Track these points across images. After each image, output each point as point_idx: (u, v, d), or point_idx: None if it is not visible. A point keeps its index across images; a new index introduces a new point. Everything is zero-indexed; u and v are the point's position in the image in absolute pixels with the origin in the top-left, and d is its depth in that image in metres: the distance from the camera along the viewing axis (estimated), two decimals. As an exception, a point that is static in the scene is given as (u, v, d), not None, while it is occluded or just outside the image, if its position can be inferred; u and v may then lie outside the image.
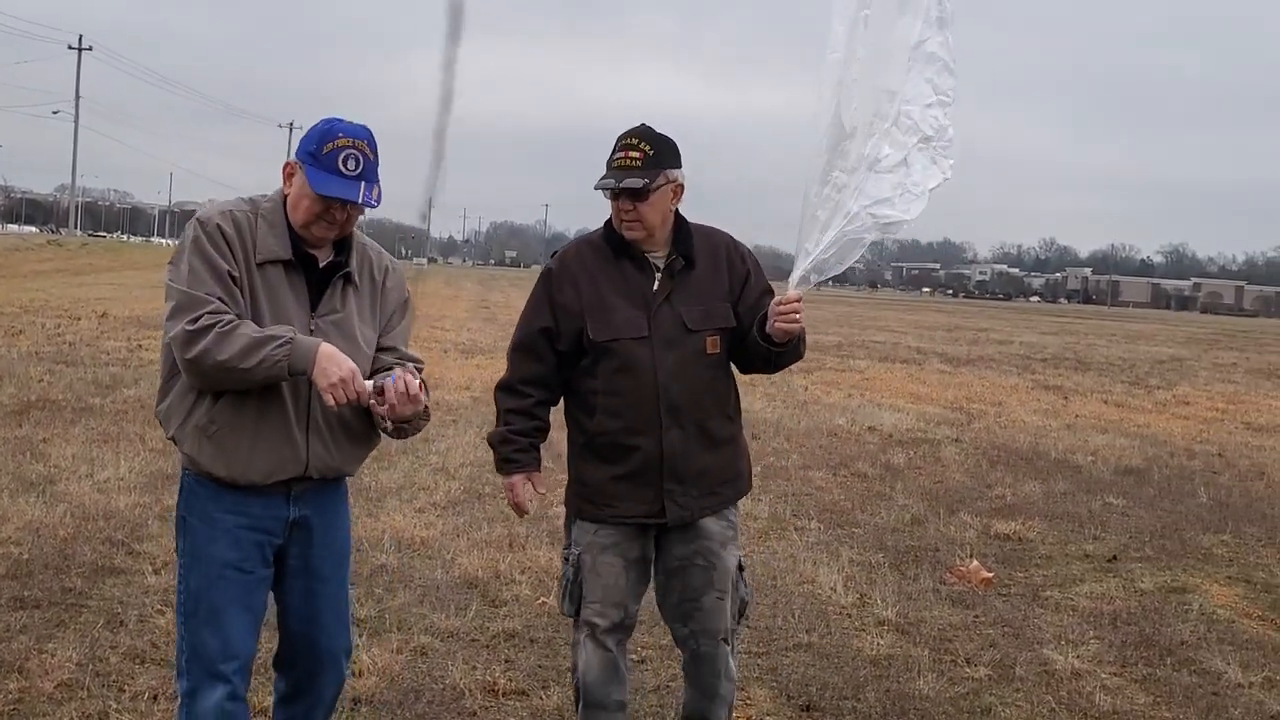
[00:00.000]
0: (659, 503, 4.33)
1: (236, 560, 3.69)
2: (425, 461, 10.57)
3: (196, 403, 3.63)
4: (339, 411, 3.65)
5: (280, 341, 3.47)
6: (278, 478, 3.67)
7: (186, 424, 3.65)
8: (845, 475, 11.43)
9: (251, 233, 3.63)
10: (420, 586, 6.90)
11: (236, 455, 3.61)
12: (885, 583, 7.57)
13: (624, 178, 4.19)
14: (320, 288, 3.73)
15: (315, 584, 3.87)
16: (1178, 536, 9.44)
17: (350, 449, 3.83)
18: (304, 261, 3.71)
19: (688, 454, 4.34)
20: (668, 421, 4.30)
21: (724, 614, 4.48)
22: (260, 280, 3.62)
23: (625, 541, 4.39)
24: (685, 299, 4.35)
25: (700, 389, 4.37)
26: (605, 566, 4.37)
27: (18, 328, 20.84)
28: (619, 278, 4.34)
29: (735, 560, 4.52)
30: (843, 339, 33.53)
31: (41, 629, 5.81)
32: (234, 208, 3.69)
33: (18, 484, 8.61)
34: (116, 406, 12.65)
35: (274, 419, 3.63)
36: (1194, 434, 16.23)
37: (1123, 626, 6.97)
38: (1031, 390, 21.41)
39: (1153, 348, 41.10)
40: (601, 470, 4.37)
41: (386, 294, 3.92)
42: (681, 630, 4.53)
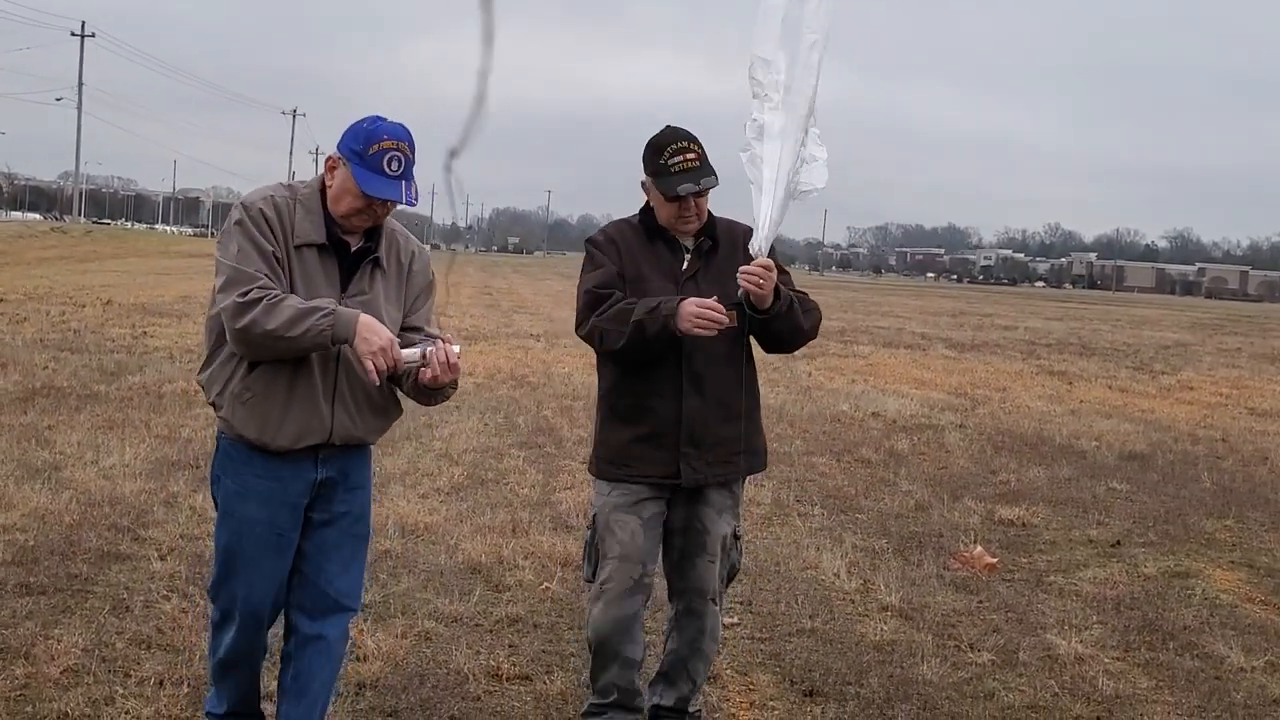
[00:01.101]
0: (674, 465, 4.60)
1: (265, 519, 4.03)
2: (429, 447, 10.59)
3: (235, 372, 3.93)
4: (364, 384, 3.94)
5: (324, 312, 3.74)
6: (305, 443, 3.97)
7: (225, 391, 3.95)
8: (849, 461, 11.43)
9: (290, 217, 3.93)
10: (424, 572, 6.92)
11: (268, 421, 3.92)
12: (889, 568, 7.59)
13: (700, 178, 4.52)
14: (351, 271, 4.01)
15: (327, 533, 4.16)
16: (1181, 521, 9.45)
17: (372, 420, 4.12)
18: (337, 246, 4.00)
19: (705, 421, 4.61)
20: (688, 388, 4.59)
21: (713, 577, 4.77)
22: (297, 261, 3.92)
23: (641, 501, 4.64)
24: (710, 278, 4.65)
25: (720, 361, 4.64)
26: (620, 525, 4.63)
27: (22, 315, 20.87)
28: (653, 256, 4.68)
29: (730, 529, 4.81)
30: (846, 325, 33.52)
31: (47, 615, 5.83)
32: (275, 193, 3.98)
33: (23, 471, 8.63)
34: (121, 393, 12.67)
35: (303, 390, 3.92)
36: (1198, 419, 16.23)
37: (1126, 611, 6.98)
38: (1036, 376, 21.41)
39: (1157, 333, 41.06)
40: (623, 432, 4.65)
41: (413, 277, 4.20)
42: (677, 584, 4.83)
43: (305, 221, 3.95)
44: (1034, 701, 5.54)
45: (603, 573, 4.64)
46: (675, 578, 4.83)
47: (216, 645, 4.22)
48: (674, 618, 4.90)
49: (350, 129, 3.96)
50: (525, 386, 15.24)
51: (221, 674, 4.27)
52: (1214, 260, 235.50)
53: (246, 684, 4.31)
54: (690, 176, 4.51)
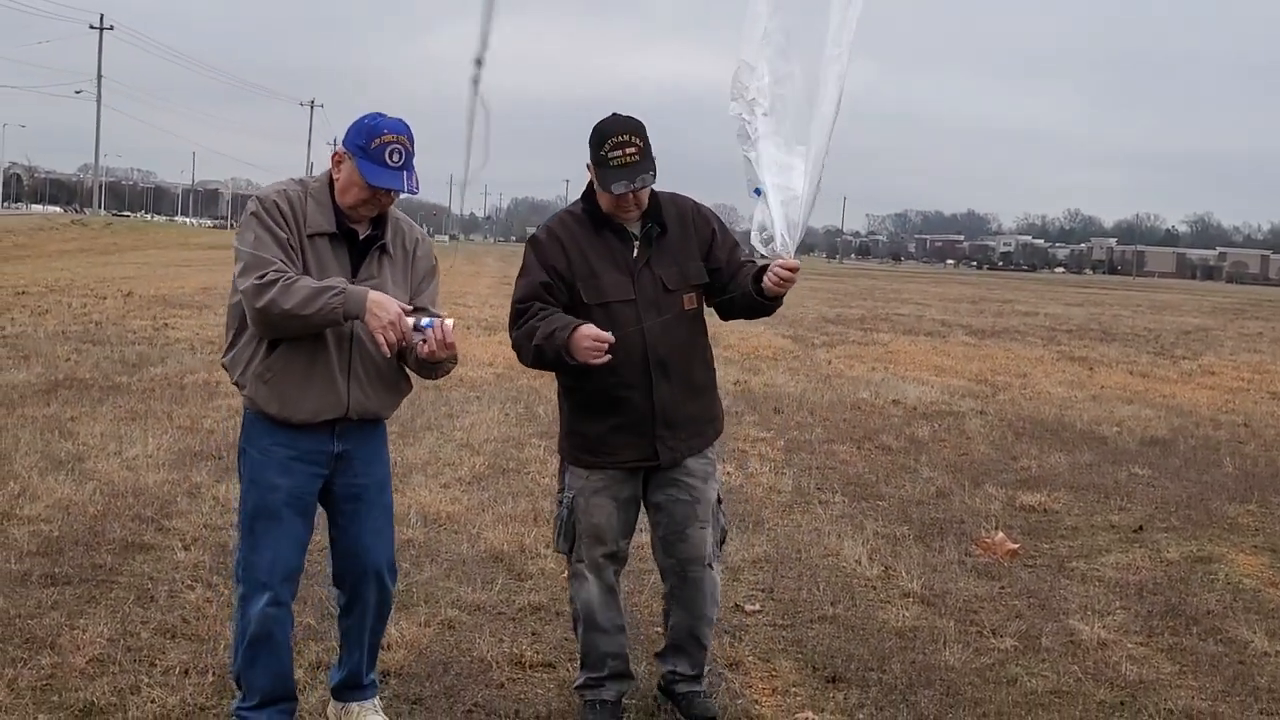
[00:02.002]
0: (651, 448, 4.74)
1: (286, 486, 4.31)
2: (450, 437, 10.61)
3: (256, 353, 4.25)
4: (376, 362, 4.30)
5: (335, 291, 4.04)
6: (323, 417, 4.28)
7: (247, 370, 4.28)
8: (869, 448, 11.42)
9: (302, 209, 4.24)
10: (447, 561, 6.94)
11: (288, 397, 4.23)
12: (910, 555, 7.58)
13: (636, 175, 4.55)
14: (360, 257, 4.32)
15: (358, 507, 4.47)
16: (1203, 506, 9.42)
17: (385, 395, 4.43)
18: (346, 234, 4.30)
19: (676, 403, 4.76)
20: (657, 375, 4.71)
21: (707, 542, 4.90)
22: (310, 250, 4.22)
23: (615, 484, 4.80)
24: (662, 262, 4.77)
25: (683, 343, 4.81)
26: (597, 507, 4.80)
27: (44, 307, 20.98)
28: (603, 247, 4.74)
29: (715, 494, 4.95)
30: (866, 312, 33.44)
31: (73, 605, 5.87)
32: (287, 188, 4.29)
33: (47, 462, 8.68)
34: (143, 384, 12.73)
35: (320, 368, 4.24)
36: (1220, 404, 16.17)
37: (1149, 596, 6.97)
38: (1057, 362, 21.35)
39: (1178, 318, 40.89)
40: (598, 423, 4.76)
41: (417, 262, 4.49)
42: (668, 560, 4.94)
43: (316, 213, 4.25)
44: (1057, 687, 5.53)
45: (581, 549, 4.84)
46: (668, 551, 4.92)
47: (245, 624, 4.36)
48: (670, 592, 5.02)
49: (354, 125, 4.25)
50: (545, 376, 15.17)
51: (252, 658, 4.37)
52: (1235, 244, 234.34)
53: (278, 661, 4.42)
54: (627, 173, 4.54)
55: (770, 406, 13.62)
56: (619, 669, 4.95)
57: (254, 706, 4.42)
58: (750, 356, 17.86)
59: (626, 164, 4.54)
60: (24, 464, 8.55)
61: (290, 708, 4.52)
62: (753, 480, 9.58)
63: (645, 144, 4.58)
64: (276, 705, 4.45)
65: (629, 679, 5.02)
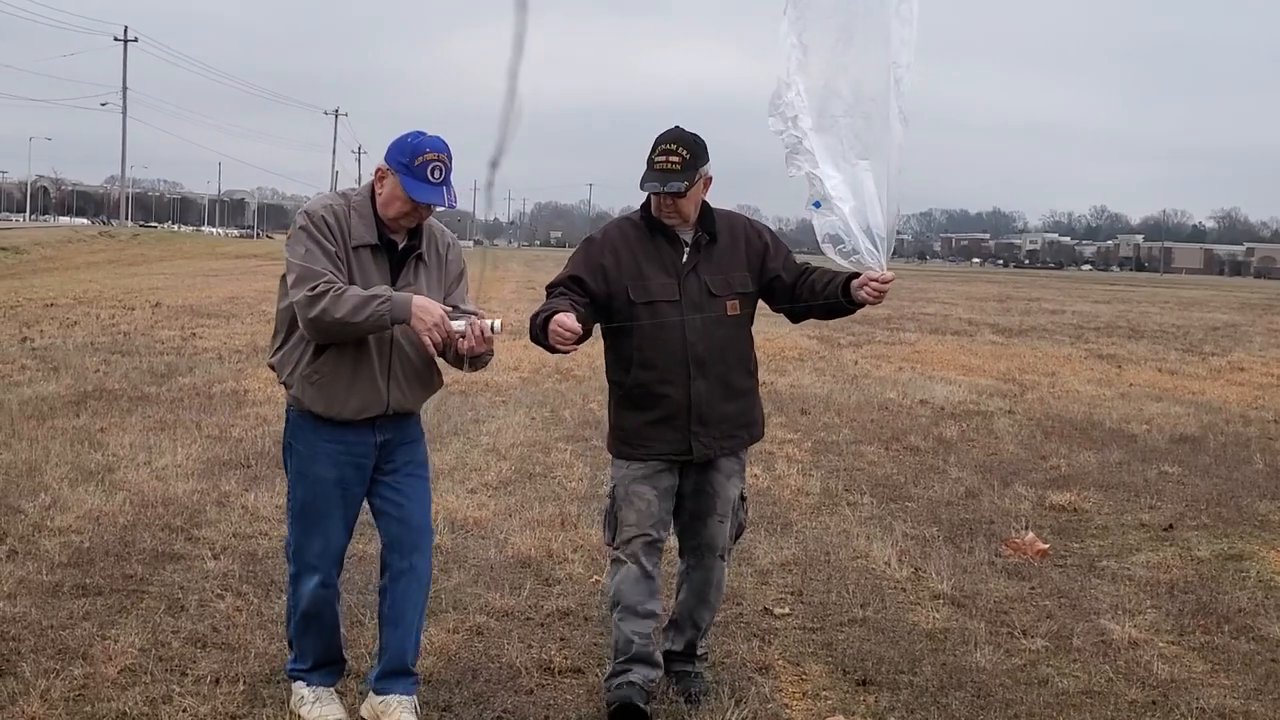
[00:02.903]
0: (686, 443, 5.04)
1: (334, 478, 4.71)
2: (476, 443, 10.63)
3: (303, 356, 4.61)
4: (412, 362, 4.69)
5: (382, 299, 4.40)
6: (365, 415, 4.66)
7: (294, 372, 4.64)
8: (897, 449, 11.39)
9: (346, 222, 4.60)
10: (474, 566, 6.95)
11: (334, 397, 4.61)
12: (939, 556, 7.55)
13: (668, 180, 4.91)
14: (398, 266, 4.68)
15: (400, 480, 4.83)
16: (1234, 504, 9.37)
17: (420, 391, 4.83)
18: (387, 246, 4.66)
19: (711, 402, 5.06)
20: (694, 373, 5.02)
21: (724, 534, 5.24)
22: (354, 260, 4.58)
23: (656, 474, 5.08)
24: (709, 269, 5.10)
25: (722, 346, 5.09)
26: (638, 496, 5.07)
27: (73, 319, 21.10)
28: (654, 251, 5.08)
29: (738, 491, 5.26)
30: (892, 312, 33.33)
31: (104, 615, 5.90)
32: (332, 202, 4.66)
33: (77, 473, 8.73)
34: (172, 394, 12.79)
35: (364, 370, 4.61)
36: (1249, 400, 16.07)
37: (1180, 595, 6.93)
38: (1085, 360, 21.26)
39: (1207, 314, 40.68)
40: (637, 416, 5.07)
41: (449, 265, 4.86)
42: (689, 542, 5.29)
43: (360, 225, 4.61)
44: (1088, 687, 5.51)
45: (622, 537, 5.11)
46: (687, 536, 5.28)
47: (297, 600, 4.83)
48: (683, 571, 5.36)
49: (396, 143, 4.59)
50: (571, 380, 15.25)
51: (304, 629, 4.86)
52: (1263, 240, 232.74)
53: (329, 633, 4.91)
54: (660, 177, 4.91)
55: (797, 408, 13.60)
56: (645, 651, 5.07)
57: (307, 669, 4.91)
58: (776, 357, 17.86)
59: (664, 170, 4.91)
60: (54, 475, 8.60)
61: (339, 669, 5.03)
62: (780, 482, 9.56)
63: (691, 158, 4.92)
64: (326, 668, 4.94)
65: (656, 667, 5.15)
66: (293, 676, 4.94)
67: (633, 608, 5.07)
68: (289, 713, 4.85)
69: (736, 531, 5.35)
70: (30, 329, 18.98)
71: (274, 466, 9.22)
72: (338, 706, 4.88)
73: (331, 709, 4.85)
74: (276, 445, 9.99)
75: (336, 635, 4.97)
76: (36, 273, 42.66)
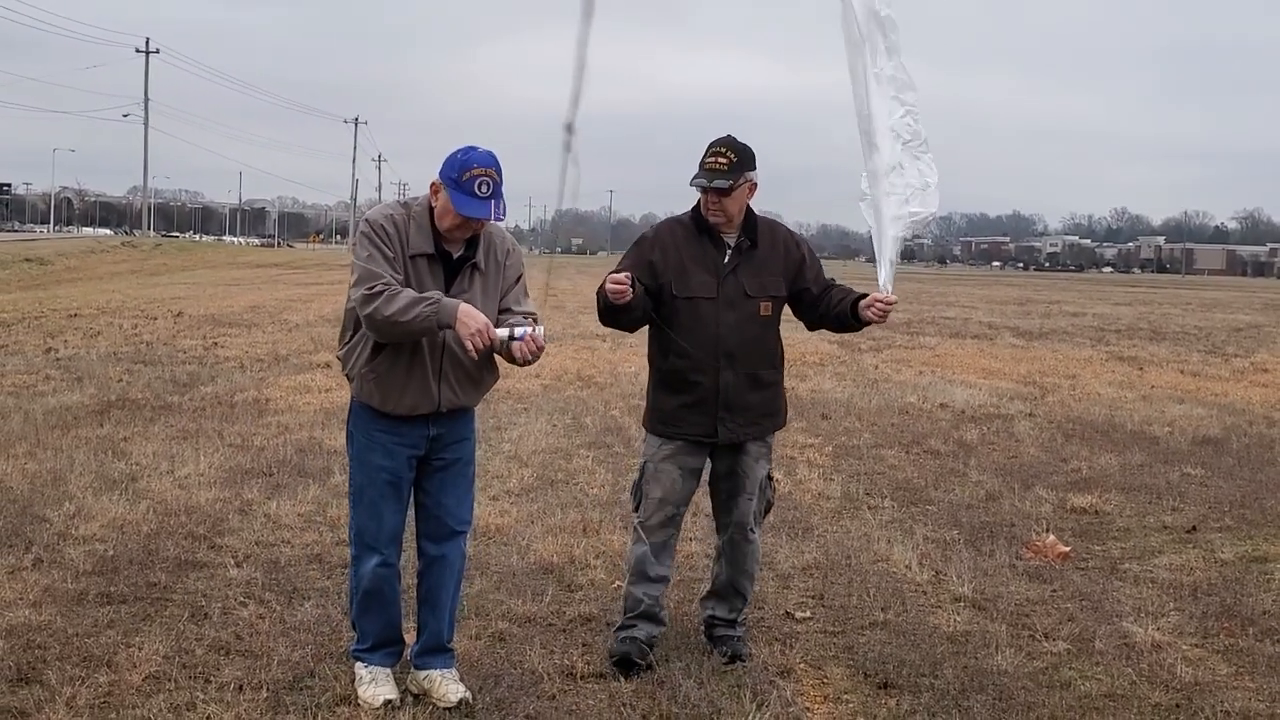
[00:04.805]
0: (713, 426, 5.57)
1: (389, 466, 5.03)
2: (498, 450, 10.65)
3: (362, 352, 4.92)
4: (465, 365, 4.93)
5: (430, 301, 4.68)
6: (418, 412, 4.97)
7: (356, 366, 4.97)
8: (918, 453, 11.38)
9: (405, 230, 4.87)
10: (497, 573, 6.97)
11: (389, 394, 4.92)
12: (960, 559, 7.54)
13: (713, 178, 5.43)
14: (453, 275, 4.94)
15: (443, 475, 5.15)
16: (1258, 505, 9.33)
17: (472, 391, 5.11)
18: (443, 255, 4.92)
19: (738, 391, 5.57)
20: (724, 365, 5.53)
21: (751, 510, 5.76)
22: (411, 268, 4.85)
23: (683, 454, 5.64)
24: (748, 271, 5.58)
25: (751, 341, 5.59)
26: (664, 473, 5.64)
27: (96, 329, 21.21)
28: (699, 250, 5.58)
29: (765, 471, 5.80)
30: (912, 316, 33.29)
31: (128, 623, 5.93)
32: (393, 211, 4.93)
33: (101, 482, 8.78)
34: (195, 404, 12.85)
35: (418, 370, 4.90)
36: (1273, 401, 16.00)
37: (1203, 597, 6.90)
38: (1106, 362, 21.19)
39: (1229, 315, 40.50)
40: (671, 399, 5.62)
41: (507, 270, 5.11)
42: (724, 519, 5.83)
43: (417, 235, 4.87)
44: (1111, 690, 5.49)
45: (645, 509, 5.67)
46: (722, 514, 5.83)
47: (358, 580, 5.13)
48: (721, 546, 5.88)
49: (448, 159, 4.81)
50: (593, 387, 15.28)
51: (365, 608, 5.15)
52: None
53: (388, 612, 5.19)
54: (707, 175, 5.44)
55: (818, 412, 13.59)
56: (653, 611, 5.69)
57: (368, 649, 5.18)
58: (797, 362, 17.83)
59: (711, 169, 5.43)
60: (79, 484, 8.65)
61: (398, 650, 5.27)
62: (801, 487, 9.56)
63: (739, 161, 5.44)
64: (386, 649, 5.20)
65: (660, 624, 5.76)
66: (355, 657, 5.23)
67: (645, 573, 5.68)
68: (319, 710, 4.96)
69: (766, 508, 5.88)
70: (54, 339, 19.09)
71: (296, 475, 9.26)
72: (392, 687, 5.13)
73: (385, 689, 5.10)
74: (298, 454, 10.08)
75: (397, 614, 5.24)
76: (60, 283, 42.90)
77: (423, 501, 5.20)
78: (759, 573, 6.16)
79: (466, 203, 4.74)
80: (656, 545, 5.68)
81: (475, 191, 4.73)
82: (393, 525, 5.10)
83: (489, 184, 4.74)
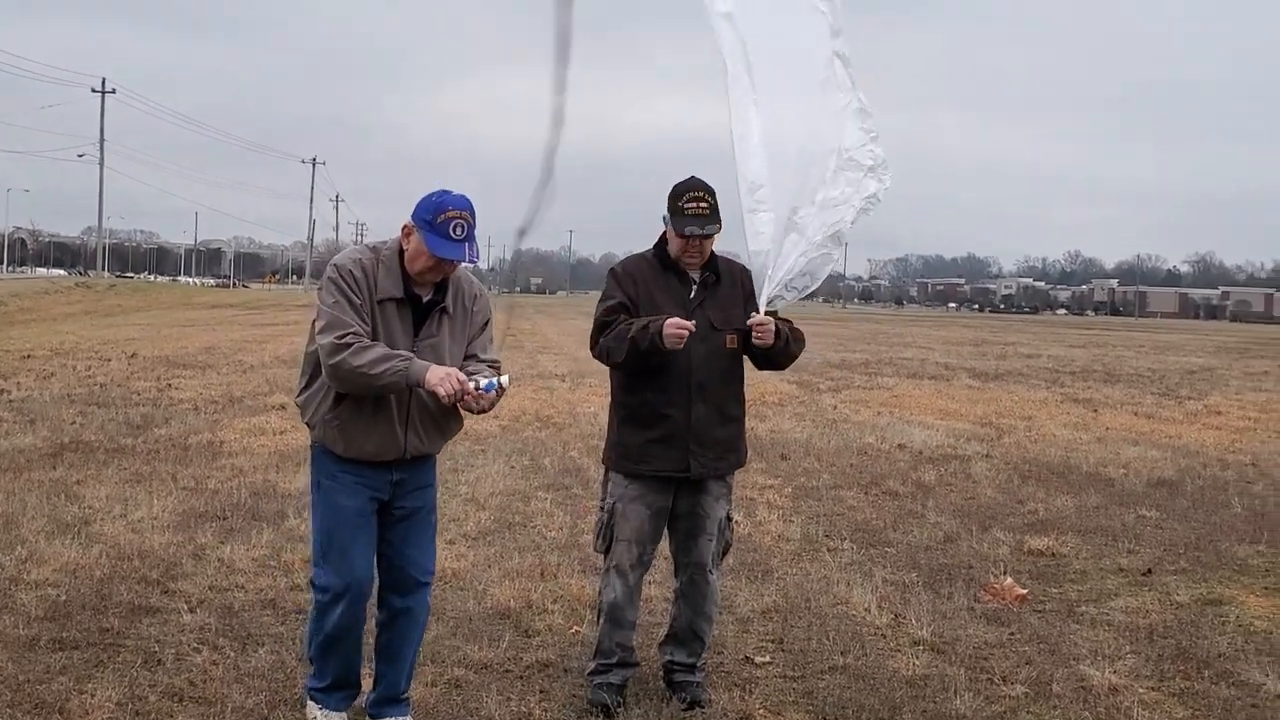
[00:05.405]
0: (685, 461, 5.55)
1: (355, 507, 4.98)
2: (455, 492, 10.58)
3: (325, 400, 4.90)
4: (430, 411, 4.95)
5: (403, 357, 4.70)
6: (383, 458, 4.95)
7: (318, 413, 4.93)
8: (876, 494, 11.41)
9: (374, 275, 4.85)
10: (453, 618, 6.92)
11: (353, 440, 4.90)
12: (919, 602, 7.55)
13: (705, 224, 5.51)
14: (422, 319, 4.94)
15: (407, 525, 5.11)
16: (1213, 548, 9.39)
17: (437, 437, 5.11)
18: (412, 299, 4.92)
19: (709, 424, 5.58)
20: (695, 397, 5.55)
21: (710, 551, 5.73)
22: (380, 313, 4.84)
23: (651, 494, 5.61)
24: (713, 306, 5.64)
25: (720, 374, 5.64)
26: (633, 514, 5.61)
27: (49, 370, 21.01)
28: (666, 286, 5.64)
29: (724, 512, 5.79)
30: (870, 356, 33.45)
31: (81, 669, 5.85)
32: (361, 256, 4.92)
33: (54, 526, 8.67)
34: (148, 446, 12.73)
35: (383, 416, 4.89)
36: (1226, 444, 16.14)
37: (1159, 640, 6.94)
38: (1061, 404, 21.33)
39: (1182, 358, 40.88)
40: (639, 434, 5.59)
41: (474, 316, 5.12)
42: (683, 559, 5.78)
43: (386, 279, 4.86)
44: (1070, 734, 5.49)
45: (616, 551, 5.65)
46: (680, 554, 5.79)
47: (321, 625, 5.05)
48: (679, 588, 5.85)
49: (422, 201, 4.83)
50: (551, 427, 15.25)
51: (326, 652, 5.10)
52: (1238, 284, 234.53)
53: (351, 658, 5.15)
54: (698, 221, 5.49)
55: (777, 453, 13.61)
56: (627, 658, 5.73)
57: (324, 689, 5.18)
58: (756, 403, 17.85)
59: (699, 214, 5.49)
60: (31, 528, 8.54)
61: (354, 694, 5.26)
62: (761, 529, 9.56)
63: (715, 203, 5.52)
64: (342, 692, 5.20)
65: (634, 666, 5.82)
66: (310, 695, 5.23)
67: (619, 620, 5.67)
68: None
69: (724, 549, 5.88)
70: (7, 381, 18.88)
71: (250, 518, 9.18)
72: None
73: None
74: (253, 497, 9.99)
75: (358, 661, 5.21)
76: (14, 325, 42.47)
77: (385, 552, 5.13)
78: (718, 616, 6.15)
79: (441, 245, 4.75)
80: (630, 589, 5.68)
81: (450, 234, 4.75)
82: (363, 569, 5.03)
83: (464, 226, 4.76)
